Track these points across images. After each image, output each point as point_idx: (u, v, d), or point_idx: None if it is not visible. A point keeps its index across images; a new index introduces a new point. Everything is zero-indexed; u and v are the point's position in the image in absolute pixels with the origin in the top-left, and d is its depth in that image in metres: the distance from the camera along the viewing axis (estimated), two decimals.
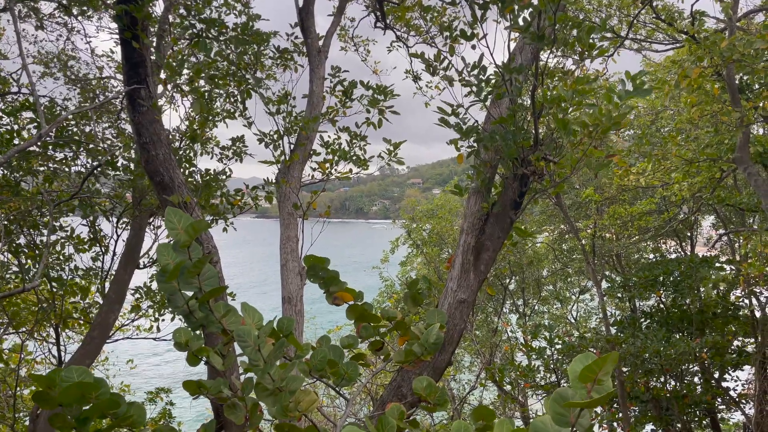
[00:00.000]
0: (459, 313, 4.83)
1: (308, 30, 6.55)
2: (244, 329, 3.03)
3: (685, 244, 19.44)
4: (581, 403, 1.61)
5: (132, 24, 4.02)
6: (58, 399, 2.10)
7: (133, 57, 4.17)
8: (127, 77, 4.22)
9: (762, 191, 6.88)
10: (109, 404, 2.21)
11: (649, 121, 14.76)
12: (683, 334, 12.42)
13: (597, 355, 1.64)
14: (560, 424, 1.81)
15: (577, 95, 3.87)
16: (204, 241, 4.54)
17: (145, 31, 4.13)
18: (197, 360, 3.16)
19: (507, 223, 4.65)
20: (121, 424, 2.46)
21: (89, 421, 2.25)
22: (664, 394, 12.83)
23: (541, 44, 3.85)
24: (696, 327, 12.67)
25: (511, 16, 4.07)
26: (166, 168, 4.36)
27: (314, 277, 3.72)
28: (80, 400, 2.14)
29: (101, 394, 2.17)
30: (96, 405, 2.16)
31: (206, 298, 2.99)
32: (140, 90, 4.22)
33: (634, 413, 14.32)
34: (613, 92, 3.92)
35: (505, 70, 3.98)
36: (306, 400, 3.33)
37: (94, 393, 2.15)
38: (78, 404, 2.14)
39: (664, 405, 13.00)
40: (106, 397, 2.18)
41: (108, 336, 7.23)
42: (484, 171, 4.54)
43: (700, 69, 6.88)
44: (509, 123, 4.04)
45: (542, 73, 4.45)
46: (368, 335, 4.05)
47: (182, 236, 2.71)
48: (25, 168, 6.78)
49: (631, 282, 13.45)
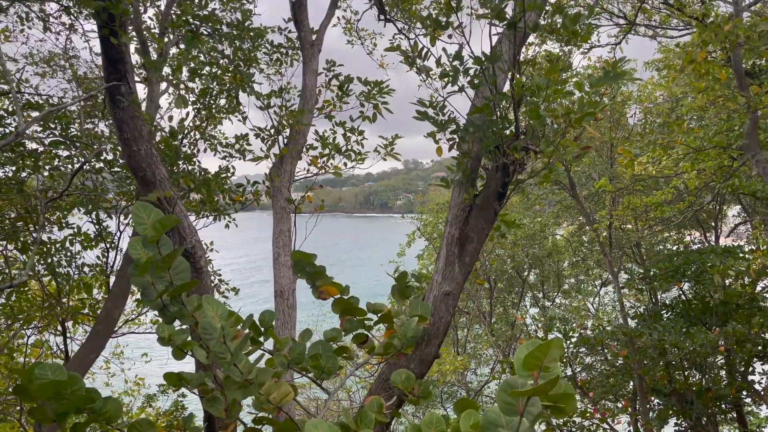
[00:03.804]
0: (444, 305, 4.80)
1: (301, 23, 6.55)
2: (208, 322, 3.04)
3: (709, 234, 19.01)
4: (526, 391, 1.59)
5: (110, 20, 4.07)
6: (34, 394, 2.15)
7: (112, 53, 4.22)
8: (107, 74, 4.28)
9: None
10: (84, 400, 2.26)
11: (668, 109, 14.46)
12: (703, 326, 12.14)
13: (613, 348, 1.60)
14: (508, 414, 1.78)
15: (552, 84, 3.80)
16: (188, 236, 4.58)
17: (124, 27, 4.17)
18: (183, 354, 3.18)
19: (491, 214, 4.59)
20: (97, 419, 2.50)
21: (68, 416, 2.30)
22: (688, 388, 12.57)
23: (513, 29, 3.78)
24: (719, 319, 12.37)
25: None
26: (149, 163, 4.41)
27: (301, 271, 3.73)
28: (55, 396, 2.19)
29: (76, 390, 2.21)
30: (71, 400, 2.21)
31: (177, 292, 2.99)
32: (120, 86, 4.27)
33: (658, 406, 14.07)
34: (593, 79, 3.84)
35: (476, 61, 3.92)
36: (279, 393, 3.32)
37: (69, 389, 2.20)
38: (53, 400, 2.20)
39: (688, 398, 12.74)
40: (81, 393, 2.23)
41: (113, 330, 7.36)
42: (465, 162, 4.49)
43: (705, 53, 6.69)
44: (486, 113, 3.98)
45: (525, 62, 4.38)
46: (352, 328, 4.04)
47: (150, 231, 2.72)
48: (30, 165, 6.93)
49: (651, 273, 13.20)
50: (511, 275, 21.38)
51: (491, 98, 4.05)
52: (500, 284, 21.70)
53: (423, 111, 4.23)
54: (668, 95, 14.23)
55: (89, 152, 6.29)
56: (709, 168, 8.20)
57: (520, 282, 21.50)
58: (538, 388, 1.55)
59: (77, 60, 8.39)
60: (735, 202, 17.77)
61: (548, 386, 1.55)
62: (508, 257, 20.20)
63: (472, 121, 4.08)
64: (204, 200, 7.39)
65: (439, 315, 4.80)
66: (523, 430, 1.76)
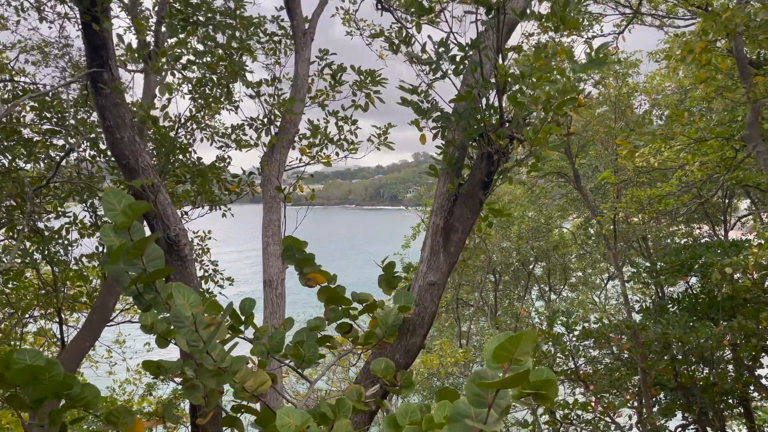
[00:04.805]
0: (429, 295, 4.75)
1: (294, 11, 6.50)
2: (179, 310, 3.01)
3: (718, 228, 18.79)
4: (494, 383, 1.57)
5: (92, 5, 4.04)
6: (10, 380, 2.15)
7: (94, 40, 4.20)
8: (89, 60, 4.26)
9: None
10: (61, 386, 2.25)
11: (677, 101, 14.27)
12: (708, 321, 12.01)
13: (617, 341, 1.57)
14: (477, 405, 1.76)
15: (536, 70, 3.73)
16: (172, 224, 4.57)
17: (106, 13, 4.15)
18: (166, 342, 3.17)
19: (476, 203, 4.54)
20: (75, 405, 2.50)
21: (44, 401, 2.29)
22: (693, 382, 12.46)
23: (496, 16, 3.71)
24: (725, 313, 12.23)
25: None
26: (132, 151, 4.39)
27: (289, 258, 3.70)
28: (33, 382, 2.18)
29: (53, 376, 2.21)
30: (48, 386, 2.20)
31: (149, 279, 2.97)
32: (103, 73, 4.25)
33: (665, 400, 13.97)
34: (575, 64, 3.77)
35: (460, 48, 3.86)
36: (256, 381, 3.30)
37: (47, 375, 2.19)
38: (31, 386, 2.19)
39: (694, 393, 12.63)
40: (58, 379, 2.22)
41: (108, 319, 7.40)
42: (450, 151, 4.44)
43: (704, 43, 6.57)
44: (468, 100, 3.93)
45: (511, 49, 4.30)
46: (336, 317, 4.01)
47: (120, 217, 2.68)
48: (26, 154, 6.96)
49: (658, 267, 13.07)
50: (517, 268, 21.29)
51: (474, 85, 3.99)
52: (506, 277, 21.63)
53: (407, 97, 4.18)
54: (677, 87, 14.06)
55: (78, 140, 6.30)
56: (712, 159, 8.08)
57: (526, 275, 21.41)
58: (506, 381, 1.52)
59: (71, 48, 8.42)
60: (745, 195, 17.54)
61: (517, 379, 1.52)
62: (514, 250, 20.12)
63: (455, 109, 4.02)
64: (199, 190, 7.39)
65: (424, 305, 4.75)
66: (491, 421, 1.73)
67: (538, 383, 1.73)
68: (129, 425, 2.91)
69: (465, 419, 1.72)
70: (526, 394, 1.81)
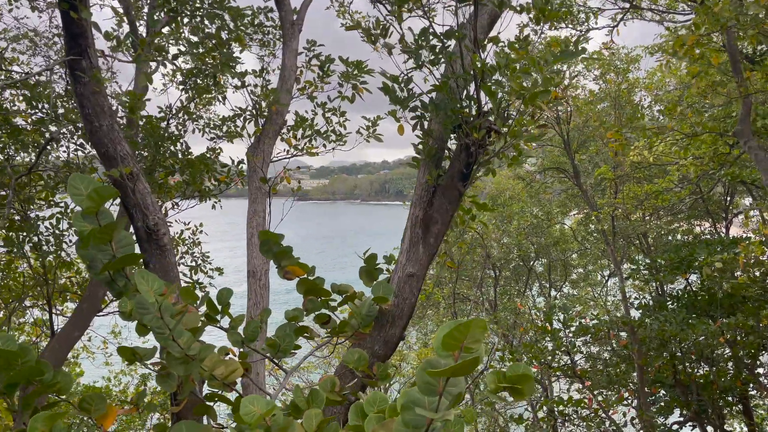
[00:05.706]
0: (408, 287, 4.75)
1: (282, 2, 6.49)
2: (143, 297, 3.00)
3: (719, 225, 18.67)
4: (443, 371, 1.56)
5: None
6: None
7: (72, 28, 4.20)
8: (67, 48, 4.26)
9: (762, 166, 6.48)
10: (34, 371, 2.26)
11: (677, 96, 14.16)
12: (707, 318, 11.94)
13: (613, 338, 1.56)
14: (427, 393, 1.76)
15: (511, 62, 3.71)
16: (150, 213, 4.57)
17: (84, 1, 4.15)
18: (146, 330, 3.17)
19: (455, 195, 4.52)
20: (47, 391, 2.50)
21: (16, 387, 2.30)
22: (693, 380, 12.41)
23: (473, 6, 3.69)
24: (724, 311, 12.16)
25: None
26: (111, 139, 4.39)
27: (266, 251, 3.69)
28: (5, 367, 2.19)
29: (27, 362, 2.21)
30: (20, 372, 2.21)
31: (116, 266, 2.95)
32: (81, 61, 4.26)
33: (664, 398, 13.92)
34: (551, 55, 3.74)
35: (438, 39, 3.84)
36: (226, 369, 3.29)
37: (20, 360, 2.20)
38: (2, 371, 2.20)
39: (693, 390, 12.58)
40: (30, 365, 2.23)
41: (98, 309, 7.43)
42: (428, 142, 4.42)
43: (695, 37, 6.51)
44: (444, 91, 3.91)
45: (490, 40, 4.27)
46: (314, 308, 4.00)
47: (86, 202, 2.66)
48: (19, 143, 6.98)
49: (657, 264, 13.01)
50: (517, 264, 21.23)
51: (450, 76, 3.97)
52: (506, 272, 21.57)
53: (388, 84, 4.17)
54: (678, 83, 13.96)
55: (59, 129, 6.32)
56: (705, 154, 8.01)
57: (526, 271, 21.35)
58: (455, 368, 1.52)
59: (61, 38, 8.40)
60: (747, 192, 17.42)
61: (467, 366, 1.52)
62: (514, 246, 20.06)
63: (432, 100, 4.01)
64: (188, 181, 7.38)
65: (403, 296, 4.75)
66: (442, 409, 1.73)
67: (514, 378, 1.71)
68: (101, 411, 2.91)
69: (416, 407, 1.72)
70: (502, 389, 1.81)
